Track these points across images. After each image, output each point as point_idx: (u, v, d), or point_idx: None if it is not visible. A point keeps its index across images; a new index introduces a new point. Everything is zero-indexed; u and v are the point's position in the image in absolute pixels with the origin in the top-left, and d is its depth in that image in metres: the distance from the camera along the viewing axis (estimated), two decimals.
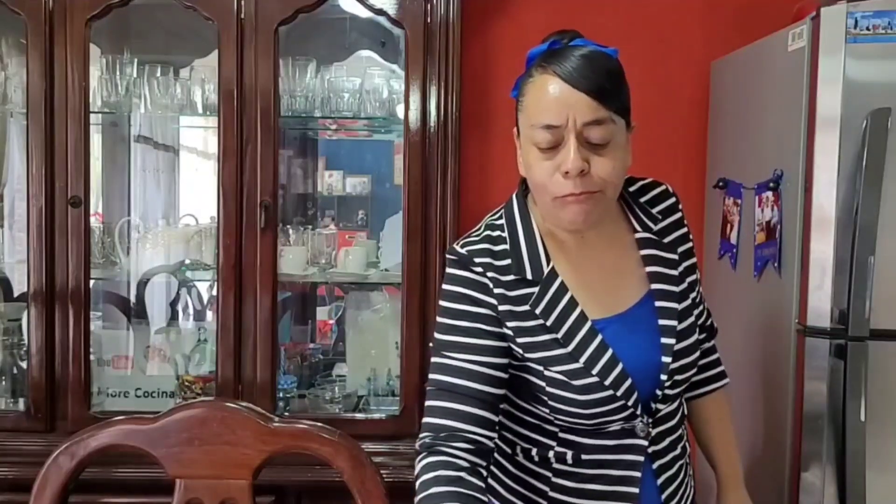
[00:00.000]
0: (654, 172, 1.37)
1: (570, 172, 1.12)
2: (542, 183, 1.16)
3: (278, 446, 1.24)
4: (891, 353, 1.71)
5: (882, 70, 1.69)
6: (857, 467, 1.68)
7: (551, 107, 1.13)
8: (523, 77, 1.21)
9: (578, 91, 1.11)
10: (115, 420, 1.26)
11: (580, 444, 1.23)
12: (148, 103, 2.25)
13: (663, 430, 1.25)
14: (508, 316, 1.20)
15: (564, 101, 1.12)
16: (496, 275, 1.21)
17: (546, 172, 1.15)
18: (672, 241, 1.29)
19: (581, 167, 1.11)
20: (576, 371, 1.18)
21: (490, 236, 1.24)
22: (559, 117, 1.12)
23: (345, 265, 2.29)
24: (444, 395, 1.19)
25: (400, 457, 2.02)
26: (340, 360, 2.47)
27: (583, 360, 1.18)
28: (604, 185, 1.15)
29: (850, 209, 1.69)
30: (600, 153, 1.13)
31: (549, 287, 1.20)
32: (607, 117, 1.13)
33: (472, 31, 2.32)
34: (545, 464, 1.25)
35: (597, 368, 1.18)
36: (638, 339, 1.22)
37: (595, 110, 1.11)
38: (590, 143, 1.13)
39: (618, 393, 1.18)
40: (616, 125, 1.15)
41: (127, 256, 2.36)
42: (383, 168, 2.67)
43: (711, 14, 2.42)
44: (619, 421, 1.21)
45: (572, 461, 1.23)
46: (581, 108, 1.11)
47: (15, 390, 2.23)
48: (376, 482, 1.23)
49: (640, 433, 1.22)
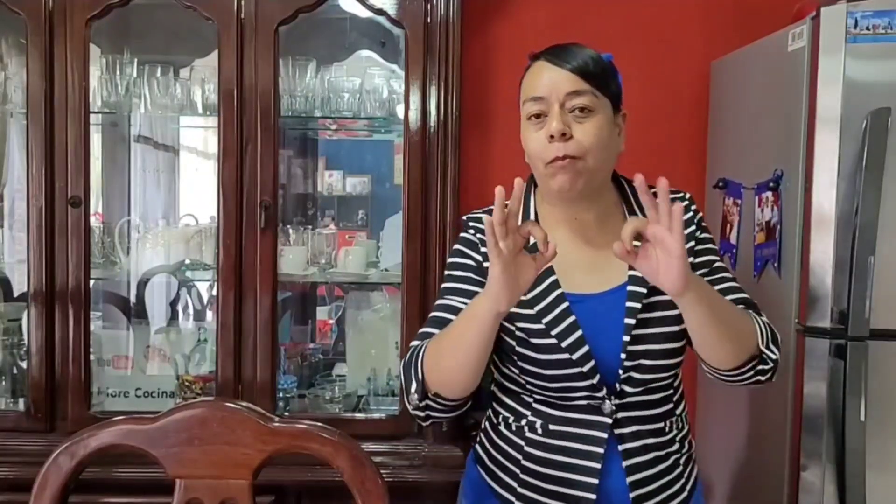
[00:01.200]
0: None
1: (554, 135, 1.26)
2: (536, 151, 1.31)
3: (278, 446, 1.24)
4: (891, 353, 1.71)
5: (882, 70, 1.69)
6: (856, 467, 1.68)
7: (539, 82, 1.31)
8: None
9: (562, 69, 1.30)
10: (115, 420, 1.26)
11: (550, 415, 1.34)
12: (148, 103, 2.25)
13: (634, 417, 1.32)
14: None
15: (550, 77, 1.30)
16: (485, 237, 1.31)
17: (537, 142, 1.30)
18: None
19: (562, 129, 1.26)
20: (537, 331, 1.31)
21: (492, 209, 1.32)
22: (545, 90, 1.29)
23: (345, 265, 2.29)
24: (434, 324, 1.37)
25: (400, 457, 2.03)
26: (340, 360, 2.47)
27: (545, 322, 1.31)
28: (584, 152, 1.27)
29: (850, 209, 1.69)
30: (581, 121, 1.28)
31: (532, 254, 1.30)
32: (588, 90, 1.29)
33: (472, 31, 2.32)
34: (520, 433, 1.37)
35: (556, 331, 1.30)
36: (607, 321, 1.31)
37: (575, 83, 1.28)
38: (573, 114, 1.28)
39: (573, 357, 1.29)
40: (598, 100, 1.30)
41: (127, 256, 2.36)
42: (383, 168, 2.67)
43: (711, 14, 2.42)
44: (585, 395, 1.31)
45: (542, 431, 1.34)
46: (563, 81, 1.29)
47: (15, 390, 2.23)
48: (376, 482, 1.23)
49: (606, 411, 1.30)
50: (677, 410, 1.38)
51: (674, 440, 1.36)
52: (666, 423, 1.35)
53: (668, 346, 1.31)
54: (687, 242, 1.32)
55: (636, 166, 1.25)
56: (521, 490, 1.36)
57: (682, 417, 1.40)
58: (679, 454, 1.37)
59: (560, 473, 1.32)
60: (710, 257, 1.39)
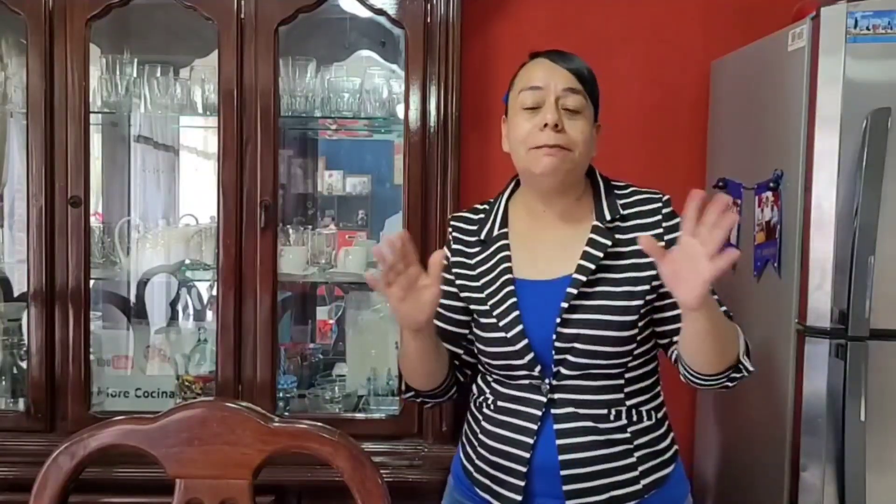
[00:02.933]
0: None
1: (549, 123, 1.35)
2: (523, 137, 1.39)
3: (278, 446, 1.24)
4: (891, 353, 1.71)
5: (882, 70, 1.69)
6: (856, 467, 1.68)
7: (537, 74, 1.40)
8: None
9: (560, 67, 1.40)
10: (115, 420, 1.26)
11: (500, 392, 1.46)
12: (148, 103, 2.25)
13: (571, 400, 1.39)
14: (458, 265, 1.50)
15: (548, 72, 1.40)
16: (460, 235, 1.52)
17: (527, 129, 1.38)
18: (630, 239, 1.39)
19: (556, 120, 1.35)
20: (484, 312, 1.44)
21: (476, 208, 1.55)
22: (543, 81, 1.39)
23: (345, 265, 2.29)
24: None
25: (400, 457, 2.03)
26: (340, 360, 2.46)
27: (490, 304, 1.43)
28: (574, 146, 1.37)
29: (850, 209, 1.69)
30: (573, 119, 1.38)
31: (492, 245, 1.47)
32: (581, 91, 1.39)
33: (472, 31, 2.32)
34: (479, 409, 1.50)
35: (497, 311, 1.41)
36: (548, 306, 1.38)
37: (572, 81, 1.39)
38: (565, 110, 1.37)
39: (508, 335, 1.39)
40: (586, 104, 1.40)
41: (127, 256, 2.36)
42: (383, 168, 2.67)
43: (711, 14, 2.42)
44: (524, 374, 1.40)
45: (493, 407, 1.46)
46: (561, 78, 1.39)
47: (15, 390, 2.23)
48: (376, 482, 1.23)
49: (542, 391, 1.39)
50: (629, 402, 1.40)
51: (623, 429, 1.39)
52: (611, 410, 1.39)
53: (603, 333, 1.36)
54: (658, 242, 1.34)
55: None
56: (477, 462, 1.47)
57: (640, 411, 1.41)
58: (630, 445, 1.39)
59: (500, 446, 1.42)
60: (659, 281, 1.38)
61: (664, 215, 1.42)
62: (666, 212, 1.42)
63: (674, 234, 1.38)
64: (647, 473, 1.41)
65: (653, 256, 1.20)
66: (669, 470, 1.44)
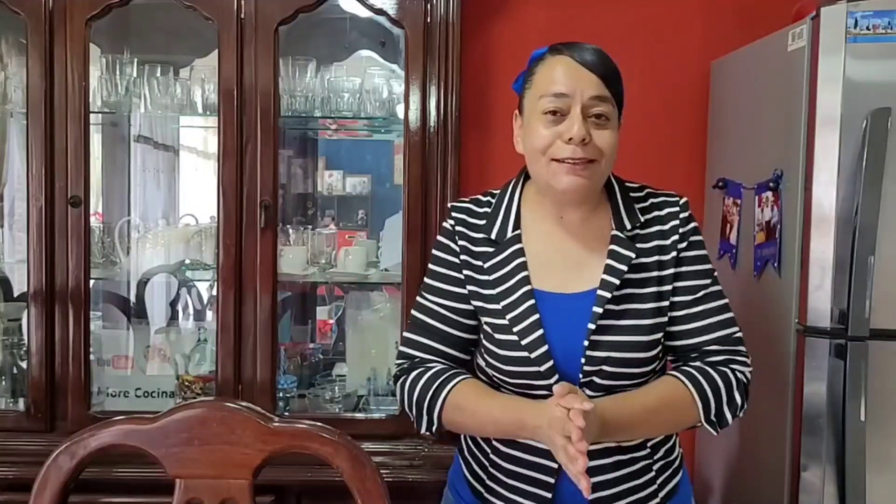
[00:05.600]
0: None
1: (574, 139, 1.24)
2: (543, 147, 1.28)
3: (278, 446, 1.24)
4: (891, 353, 1.71)
5: (882, 70, 1.69)
6: (856, 467, 1.68)
7: (562, 79, 1.27)
8: (532, 64, 1.34)
9: (587, 70, 1.27)
10: (115, 420, 1.26)
11: None
12: (148, 103, 2.25)
13: None
14: (466, 266, 1.36)
15: (575, 76, 1.27)
16: (464, 229, 1.38)
17: (548, 138, 1.27)
18: (652, 249, 1.33)
19: (583, 136, 1.25)
20: (501, 326, 1.31)
21: (479, 200, 1.42)
22: (569, 87, 1.26)
23: (345, 265, 2.29)
24: (418, 330, 1.39)
25: (400, 457, 2.03)
26: (340, 360, 2.46)
27: (509, 318, 1.31)
28: (600, 156, 1.28)
29: (850, 209, 1.69)
30: (600, 127, 1.27)
31: (506, 249, 1.34)
32: (609, 98, 1.28)
33: (472, 31, 2.32)
34: None
35: (518, 328, 1.30)
36: (573, 323, 1.29)
37: (600, 88, 1.27)
38: (591, 118, 1.27)
39: (532, 355, 1.28)
40: (614, 110, 1.29)
41: (127, 256, 2.36)
42: (383, 168, 2.67)
43: (711, 14, 2.42)
44: (545, 394, 1.26)
45: None
46: (589, 83, 1.26)
47: (15, 390, 2.24)
48: (376, 482, 1.23)
49: None
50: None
51: (643, 445, 1.34)
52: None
53: (632, 356, 1.29)
54: (663, 253, 1.33)
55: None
56: (489, 482, 1.39)
57: None
58: (650, 460, 1.35)
59: (520, 470, 1.34)
60: (695, 282, 1.34)
61: (681, 220, 1.35)
62: (683, 216, 1.35)
63: (688, 241, 1.34)
64: (664, 484, 1.37)
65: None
66: (679, 476, 1.42)
